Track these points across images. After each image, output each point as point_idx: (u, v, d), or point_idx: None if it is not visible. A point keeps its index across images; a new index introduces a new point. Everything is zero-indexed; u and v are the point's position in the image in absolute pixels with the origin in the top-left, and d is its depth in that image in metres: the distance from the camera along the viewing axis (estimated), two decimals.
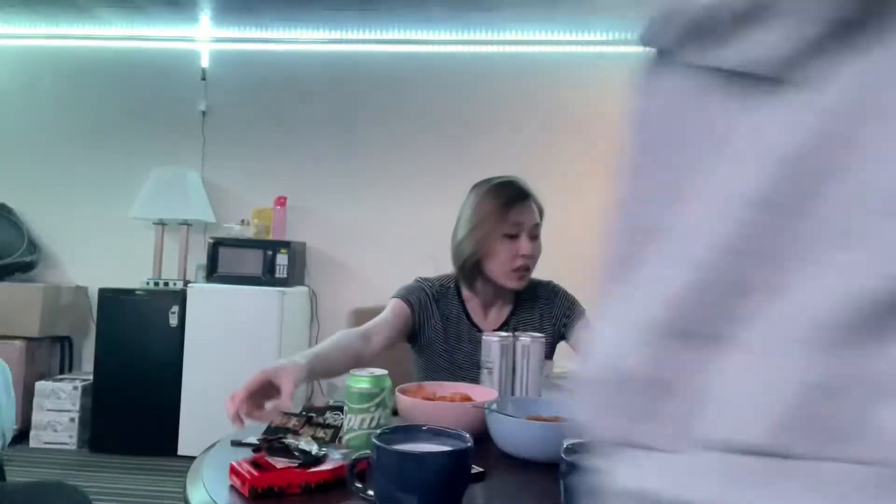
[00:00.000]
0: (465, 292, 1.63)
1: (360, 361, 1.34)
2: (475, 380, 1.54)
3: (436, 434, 0.87)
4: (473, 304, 1.62)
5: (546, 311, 1.64)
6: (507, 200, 1.53)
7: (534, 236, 1.55)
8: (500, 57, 3.84)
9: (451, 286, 1.64)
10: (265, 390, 1.08)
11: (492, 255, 1.53)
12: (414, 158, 3.87)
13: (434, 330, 1.59)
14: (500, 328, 1.61)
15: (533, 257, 1.55)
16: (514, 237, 1.52)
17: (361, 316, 1.99)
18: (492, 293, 1.61)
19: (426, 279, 1.64)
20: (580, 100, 3.78)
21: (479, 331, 1.58)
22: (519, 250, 1.51)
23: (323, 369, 1.27)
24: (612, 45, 3.74)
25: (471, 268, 1.56)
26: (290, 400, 1.06)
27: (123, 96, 4.03)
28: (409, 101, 3.89)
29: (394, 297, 1.60)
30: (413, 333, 1.59)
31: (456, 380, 1.58)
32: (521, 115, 3.82)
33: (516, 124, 3.82)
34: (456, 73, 3.85)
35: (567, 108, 3.80)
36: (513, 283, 1.55)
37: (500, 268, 1.53)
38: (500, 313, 1.64)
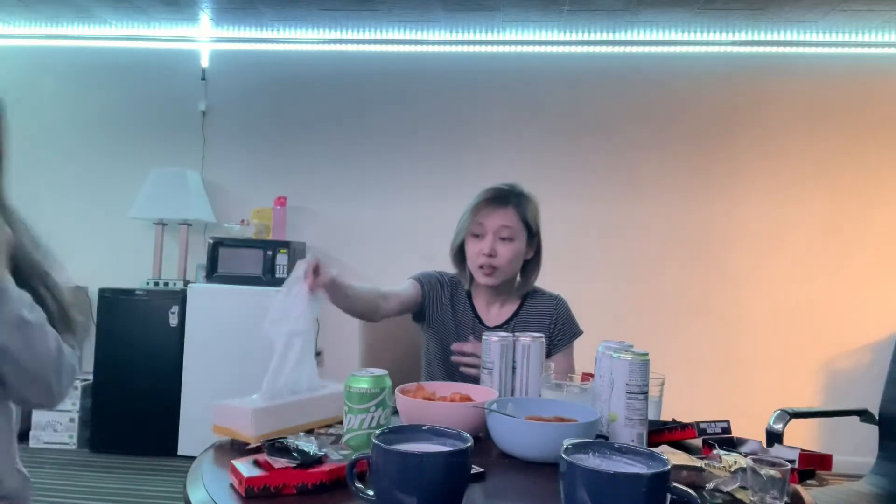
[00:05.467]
0: (473, 288, 1.75)
1: (374, 313, 1.53)
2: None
3: (436, 434, 0.87)
4: (479, 299, 1.74)
5: (545, 322, 1.72)
6: (478, 203, 1.66)
7: (504, 238, 1.63)
8: (500, 57, 3.83)
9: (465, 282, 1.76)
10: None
11: (467, 252, 1.68)
12: (413, 158, 3.87)
13: (442, 316, 1.71)
14: (502, 325, 1.71)
15: (495, 257, 1.63)
16: (480, 237, 1.64)
17: None
18: (489, 290, 1.71)
19: (444, 272, 1.77)
20: (583, 101, 3.78)
21: (482, 323, 1.71)
22: (482, 249, 1.62)
23: (344, 293, 1.39)
24: (613, 45, 3.74)
25: (458, 263, 1.73)
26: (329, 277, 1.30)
27: (124, 96, 4.03)
28: (408, 102, 3.88)
29: (410, 277, 1.74)
30: (420, 311, 1.72)
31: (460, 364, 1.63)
32: (521, 115, 3.81)
33: (516, 125, 3.82)
34: (456, 74, 3.85)
35: (574, 108, 3.79)
36: (480, 279, 1.67)
37: (471, 263, 1.67)
38: (501, 311, 1.74)
